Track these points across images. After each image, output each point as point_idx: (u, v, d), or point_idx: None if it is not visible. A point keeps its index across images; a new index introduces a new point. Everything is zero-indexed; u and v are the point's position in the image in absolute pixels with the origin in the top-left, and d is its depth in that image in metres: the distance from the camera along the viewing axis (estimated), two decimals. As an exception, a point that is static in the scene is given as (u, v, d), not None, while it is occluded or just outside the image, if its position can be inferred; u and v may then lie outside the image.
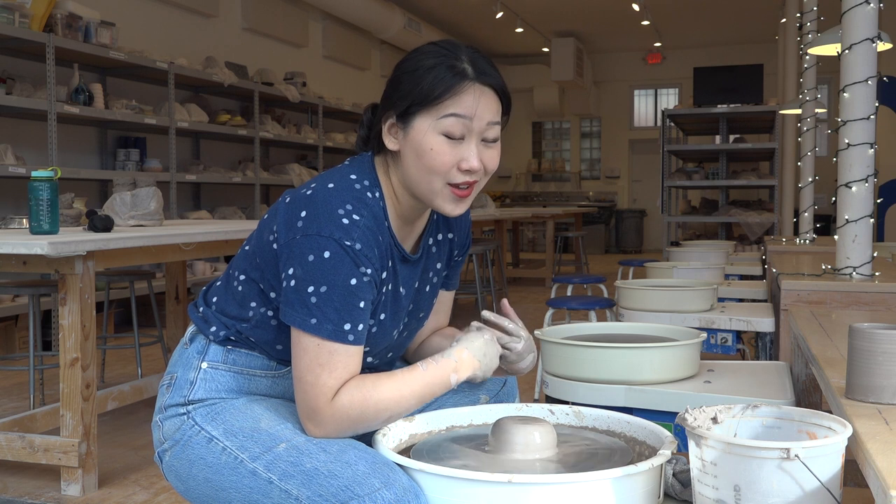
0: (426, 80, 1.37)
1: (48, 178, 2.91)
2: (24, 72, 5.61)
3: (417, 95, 1.37)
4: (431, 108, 1.37)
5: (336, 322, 1.32)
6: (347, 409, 1.33)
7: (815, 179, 5.20)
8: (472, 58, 1.40)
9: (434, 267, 1.58)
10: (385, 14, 10.61)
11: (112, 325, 5.53)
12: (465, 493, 1.23)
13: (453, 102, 1.37)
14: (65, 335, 2.70)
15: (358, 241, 1.34)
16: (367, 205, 1.39)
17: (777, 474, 1.08)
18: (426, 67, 1.38)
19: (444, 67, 1.38)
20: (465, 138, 1.38)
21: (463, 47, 1.42)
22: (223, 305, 1.49)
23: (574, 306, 4.31)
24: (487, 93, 1.40)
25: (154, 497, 2.75)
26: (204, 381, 1.45)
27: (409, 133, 1.39)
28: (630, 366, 1.97)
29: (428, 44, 1.44)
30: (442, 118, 1.37)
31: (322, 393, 1.32)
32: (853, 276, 2.68)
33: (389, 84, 1.43)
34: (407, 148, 1.40)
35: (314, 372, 1.32)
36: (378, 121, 1.46)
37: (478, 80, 1.38)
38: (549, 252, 9.24)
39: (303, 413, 1.34)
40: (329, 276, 1.32)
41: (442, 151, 1.37)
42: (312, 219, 1.34)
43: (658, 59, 15.39)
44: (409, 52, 1.46)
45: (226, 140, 7.86)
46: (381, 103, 1.45)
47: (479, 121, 1.38)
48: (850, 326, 1.32)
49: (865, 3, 2.61)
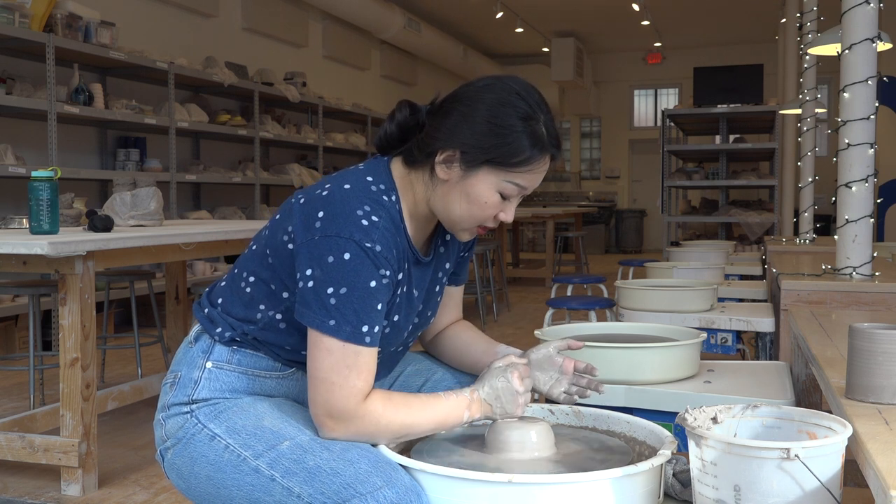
0: (508, 144, 1.38)
1: (48, 178, 2.91)
2: (24, 72, 5.61)
3: (496, 155, 1.38)
4: (502, 170, 1.40)
5: (355, 324, 1.32)
6: (377, 417, 1.34)
7: (815, 179, 5.20)
8: (547, 122, 1.42)
9: (443, 267, 1.60)
10: (385, 14, 10.61)
11: (112, 325, 5.53)
12: (465, 492, 1.24)
13: (525, 176, 1.41)
14: (65, 335, 2.70)
15: (378, 243, 1.34)
16: (385, 207, 1.39)
17: (777, 474, 1.08)
18: (509, 128, 1.38)
19: (526, 134, 1.39)
20: (513, 198, 1.45)
21: (540, 102, 1.43)
22: (229, 307, 1.48)
23: (574, 306, 4.31)
24: (548, 164, 1.44)
25: (154, 497, 2.75)
26: (208, 380, 1.44)
27: (468, 178, 1.40)
28: (630, 366, 1.97)
29: (508, 87, 1.41)
30: (507, 182, 1.41)
31: (352, 394, 1.32)
32: (853, 276, 2.68)
33: (461, 117, 1.40)
34: (458, 187, 1.41)
35: (342, 374, 1.32)
36: (429, 140, 1.42)
37: (549, 152, 1.42)
38: (549, 252, 9.24)
39: (325, 412, 1.33)
40: (349, 278, 1.32)
41: (493, 206, 1.43)
42: (331, 219, 1.34)
43: (658, 59, 15.39)
44: (485, 87, 1.42)
45: (226, 140, 7.86)
46: (443, 132, 1.41)
47: (531, 188, 1.44)
48: (850, 326, 1.32)
49: (865, 3, 2.61)
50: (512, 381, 1.44)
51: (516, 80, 1.44)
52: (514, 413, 1.45)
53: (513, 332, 6.22)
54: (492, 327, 6.46)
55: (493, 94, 1.41)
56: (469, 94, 1.42)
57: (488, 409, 1.44)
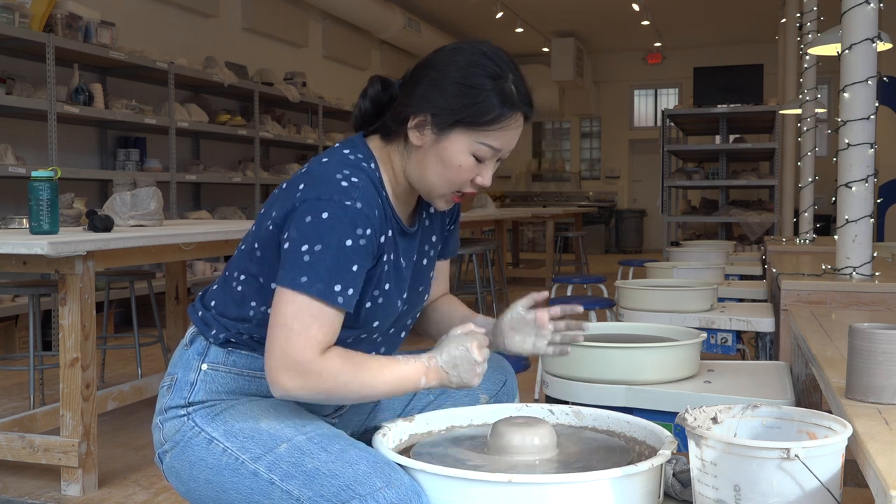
0: (478, 104, 1.38)
1: (48, 178, 2.91)
2: (24, 72, 5.61)
3: (466, 115, 1.38)
4: (474, 130, 1.39)
5: (326, 281, 1.30)
6: (336, 372, 1.31)
7: (815, 179, 5.20)
8: (516, 81, 1.41)
9: (430, 240, 1.59)
10: (385, 14, 10.61)
11: (112, 325, 5.53)
12: (465, 492, 1.23)
13: (496, 135, 1.40)
14: (65, 335, 2.70)
15: (358, 201, 1.34)
16: (365, 171, 1.40)
17: (777, 474, 1.08)
18: (478, 87, 1.38)
19: (496, 92, 1.38)
20: (488, 160, 1.43)
21: (509, 63, 1.42)
22: (222, 308, 1.48)
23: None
24: (522, 124, 1.43)
25: (154, 497, 2.75)
26: (204, 382, 1.44)
27: (441, 142, 1.40)
28: (630, 366, 1.97)
29: (475, 49, 1.42)
30: (480, 143, 1.40)
31: (311, 345, 1.29)
32: (853, 276, 2.68)
33: (430, 83, 1.41)
34: (432, 152, 1.41)
35: (304, 321, 1.29)
36: (401, 109, 1.43)
37: (520, 110, 1.41)
38: (549, 252, 9.23)
39: (280, 363, 1.29)
40: (324, 236, 1.31)
41: (467, 169, 1.41)
42: (311, 187, 1.35)
43: (658, 59, 15.38)
44: (454, 49, 1.43)
45: (226, 140, 7.86)
46: (415, 98, 1.42)
47: (506, 150, 1.43)
48: (850, 326, 1.32)
49: (865, 3, 2.61)
50: (471, 351, 1.42)
51: (485, 42, 1.45)
52: (471, 383, 1.43)
53: (513, 332, 6.21)
54: (492, 327, 6.45)
55: (462, 56, 1.41)
56: (439, 58, 1.43)
57: (444, 377, 1.42)
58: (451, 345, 1.43)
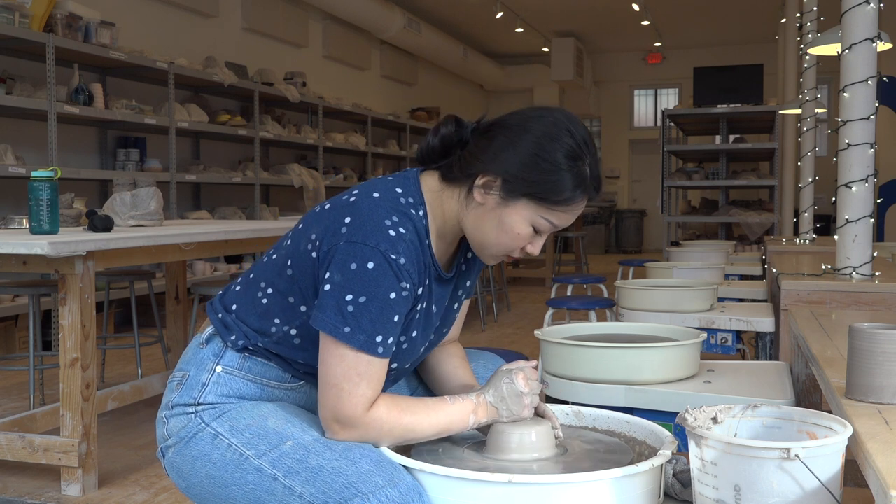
0: (552, 182, 1.37)
1: (48, 178, 2.91)
2: (24, 72, 5.61)
3: (539, 190, 1.37)
4: (541, 205, 1.38)
5: (369, 333, 1.31)
6: (381, 423, 1.34)
7: (815, 179, 5.20)
8: (592, 163, 1.41)
9: (464, 285, 1.59)
10: (385, 14, 10.61)
11: (112, 325, 5.53)
12: (466, 492, 1.24)
13: (560, 213, 1.40)
14: (65, 335, 2.70)
15: (403, 256, 1.33)
16: (412, 220, 1.38)
17: (777, 474, 1.08)
18: (555, 164, 1.36)
19: (571, 174, 1.37)
20: (544, 233, 1.44)
21: (587, 141, 1.41)
22: (244, 315, 1.47)
23: (574, 306, 4.31)
24: (584, 205, 1.43)
25: (154, 497, 2.75)
26: (217, 384, 1.43)
27: (506, 206, 1.39)
28: (630, 366, 1.97)
29: (559, 120, 1.40)
30: (543, 218, 1.40)
31: (361, 403, 1.33)
32: (853, 276, 2.68)
33: (506, 144, 1.39)
34: (493, 214, 1.40)
35: (352, 381, 1.32)
36: (471, 161, 1.41)
37: (588, 194, 1.41)
38: (549, 252, 9.24)
39: (333, 416, 1.34)
40: (370, 288, 1.31)
41: (524, 238, 1.42)
42: (358, 227, 1.33)
43: (658, 59, 15.39)
44: (535, 115, 1.41)
45: (226, 140, 7.86)
46: (488, 155, 1.40)
47: (562, 227, 1.43)
48: (850, 326, 1.32)
49: (865, 3, 2.61)
50: (517, 383, 1.43)
51: (566, 113, 1.42)
52: (521, 414, 1.44)
53: (513, 332, 6.22)
54: (492, 327, 6.46)
55: (541, 125, 1.39)
56: (517, 121, 1.41)
57: (494, 413, 1.44)
58: (497, 381, 1.45)
